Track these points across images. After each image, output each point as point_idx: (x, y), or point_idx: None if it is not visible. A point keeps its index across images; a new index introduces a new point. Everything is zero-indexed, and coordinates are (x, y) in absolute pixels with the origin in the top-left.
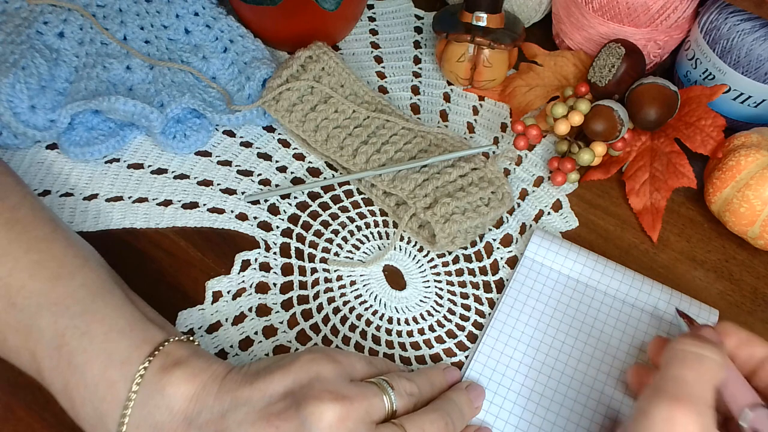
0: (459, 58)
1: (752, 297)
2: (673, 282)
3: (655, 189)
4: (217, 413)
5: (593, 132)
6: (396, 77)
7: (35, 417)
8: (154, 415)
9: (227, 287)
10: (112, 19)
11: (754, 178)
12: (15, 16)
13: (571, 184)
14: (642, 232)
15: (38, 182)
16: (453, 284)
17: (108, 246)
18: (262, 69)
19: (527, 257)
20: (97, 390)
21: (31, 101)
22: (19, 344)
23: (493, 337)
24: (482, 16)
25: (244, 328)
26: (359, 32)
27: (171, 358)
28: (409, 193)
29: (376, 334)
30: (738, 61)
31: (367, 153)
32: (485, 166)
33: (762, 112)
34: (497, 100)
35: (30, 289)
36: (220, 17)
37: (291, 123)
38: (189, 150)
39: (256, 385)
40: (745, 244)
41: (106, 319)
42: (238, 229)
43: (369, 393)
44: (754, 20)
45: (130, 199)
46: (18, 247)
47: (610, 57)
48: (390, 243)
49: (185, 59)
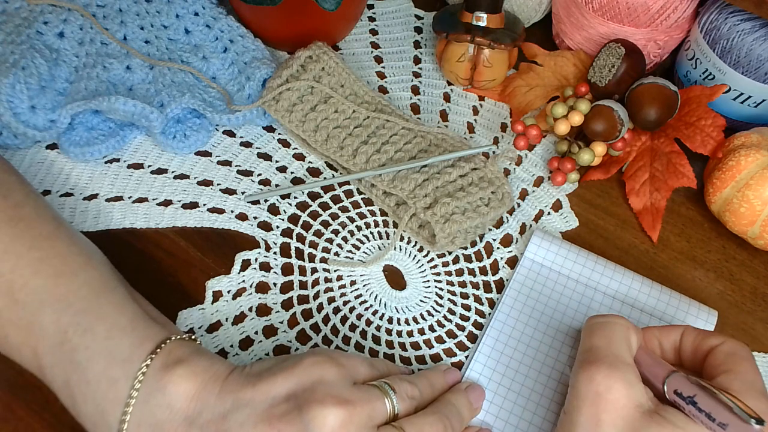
0: (459, 58)
1: (752, 297)
2: (673, 282)
3: (655, 189)
4: (219, 413)
5: (593, 132)
6: (396, 77)
7: (35, 417)
8: (155, 413)
9: (227, 287)
10: (112, 19)
11: (754, 178)
12: (15, 16)
13: (571, 184)
14: (642, 232)
15: (38, 182)
16: (453, 284)
17: (108, 246)
18: (262, 69)
19: (527, 257)
20: (99, 387)
21: (31, 101)
22: (20, 341)
23: (493, 337)
24: (482, 16)
25: (245, 328)
26: (359, 32)
27: (172, 356)
28: (409, 193)
29: (377, 334)
30: (738, 61)
31: (367, 153)
32: (485, 166)
33: (762, 112)
34: (497, 100)
35: (32, 286)
36: (220, 17)
37: (291, 123)
38: (189, 150)
39: (259, 387)
40: (745, 244)
41: (109, 317)
42: (238, 229)
43: (371, 397)
44: (754, 20)
45: (130, 199)
46: (21, 244)
47: (610, 57)
48: (390, 243)
49: (185, 59)
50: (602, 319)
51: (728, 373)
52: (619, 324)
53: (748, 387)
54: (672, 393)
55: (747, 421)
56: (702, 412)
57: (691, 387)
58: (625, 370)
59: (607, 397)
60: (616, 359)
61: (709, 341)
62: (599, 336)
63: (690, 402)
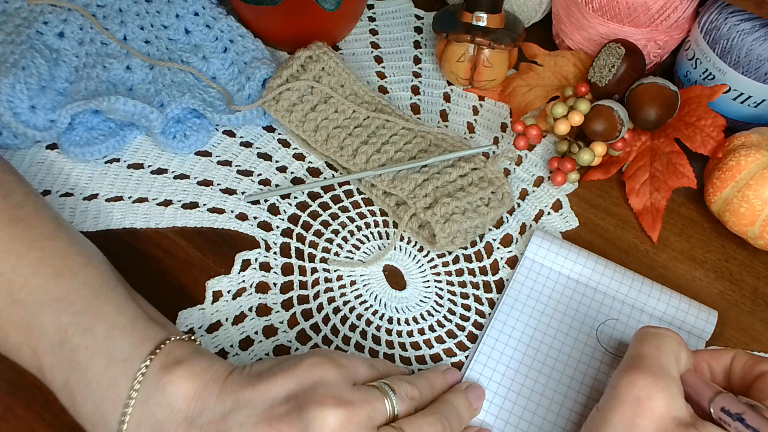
0: (459, 58)
1: (752, 297)
2: (673, 282)
3: (655, 189)
4: (219, 414)
5: (593, 132)
6: (396, 77)
7: (35, 417)
8: (155, 413)
9: (227, 287)
10: (112, 19)
11: (754, 178)
12: (15, 16)
13: (571, 184)
14: (642, 232)
15: (38, 182)
16: (453, 284)
17: (108, 246)
18: (262, 69)
19: (527, 257)
20: (99, 387)
21: (31, 101)
22: (20, 341)
23: (493, 337)
24: (482, 16)
25: (245, 328)
26: (359, 32)
27: (172, 356)
28: (409, 193)
29: (377, 334)
30: (738, 61)
31: (367, 153)
32: (485, 166)
33: (762, 112)
34: (497, 100)
35: (32, 285)
36: (220, 17)
37: (291, 123)
38: (189, 150)
39: (259, 387)
40: (745, 244)
41: (109, 317)
42: (238, 229)
43: (371, 397)
44: (754, 20)
45: (130, 199)
46: (21, 244)
47: (610, 57)
48: (390, 243)
49: (185, 59)
50: (655, 330)
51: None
52: (671, 338)
53: None
54: (719, 410)
55: None
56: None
57: (739, 405)
58: (669, 381)
59: (646, 403)
60: (661, 370)
61: (760, 366)
62: (649, 345)
63: (737, 419)
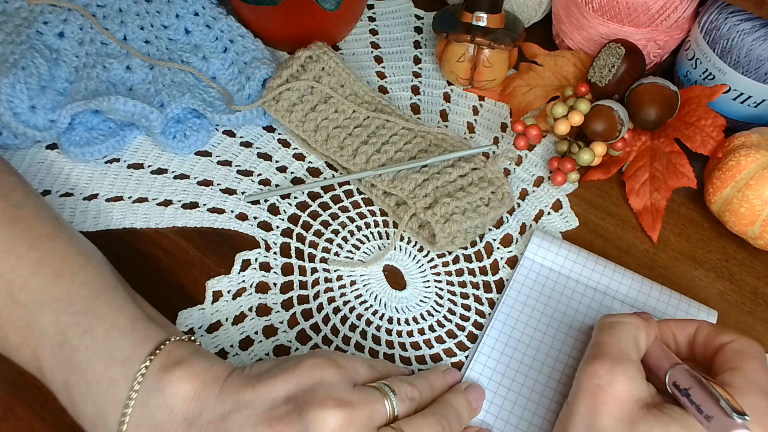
0: (459, 58)
1: (752, 297)
2: (672, 282)
3: (655, 189)
4: (218, 415)
5: (593, 132)
6: (396, 77)
7: (35, 417)
8: (155, 414)
9: (227, 287)
10: (112, 19)
11: (754, 178)
12: (15, 16)
13: (571, 184)
14: (642, 232)
15: (38, 182)
16: (453, 284)
17: (108, 246)
18: (262, 69)
19: (527, 257)
20: (98, 388)
21: (31, 101)
22: (20, 341)
23: (493, 337)
24: (482, 16)
25: (245, 328)
26: (359, 32)
27: (172, 357)
28: (409, 193)
29: (377, 334)
30: (738, 61)
31: (367, 153)
32: (485, 166)
33: (762, 112)
34: (497, 100)
35: (32, 286)
36: (220, 17)
37: (291, 123)
38: (189, 150)
39: (259, 388)
40: (745, 244)
41: (108, 318)
42: (238, 229)
43: (371, 398)
44: (754, 20)
45: (130, 199)
46: (21, 244)
47: (610, 57)
48: (390, 243)
49: (185, 59)
50: (613, 318)
51: (734, 370)
52: (629, 323)
53: (751, 385)
54: (671, 385)
55: (730, 415)
56: (693, 404)
57: (688, 380)
58: (628, 365)
59: (608, 389)
60: (620, 355)
61: (720, 337)
62: (608, 333)
63: (684, 394)
